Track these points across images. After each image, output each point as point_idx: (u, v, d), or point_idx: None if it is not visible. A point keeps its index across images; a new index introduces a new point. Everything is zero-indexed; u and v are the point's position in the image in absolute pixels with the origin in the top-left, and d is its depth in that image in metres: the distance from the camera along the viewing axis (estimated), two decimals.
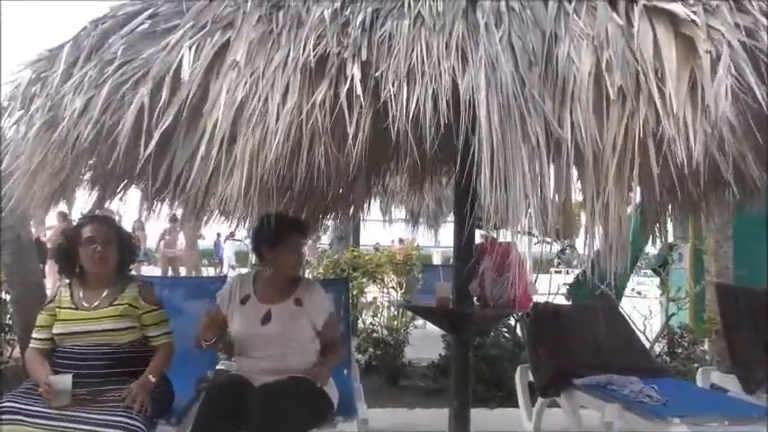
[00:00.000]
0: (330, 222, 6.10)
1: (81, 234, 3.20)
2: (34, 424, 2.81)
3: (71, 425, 2.82)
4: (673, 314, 6.43)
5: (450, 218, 10.85)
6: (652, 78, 2.11)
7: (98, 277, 3.22)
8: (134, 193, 3.95)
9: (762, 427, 3.27)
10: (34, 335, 3.19)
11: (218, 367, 3.88)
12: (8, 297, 6.07)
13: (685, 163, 2.00)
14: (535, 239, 6.03)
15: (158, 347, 3.22)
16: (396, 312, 6.99)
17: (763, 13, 2.30)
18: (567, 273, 8.95)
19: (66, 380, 2.91)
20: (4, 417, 2.79)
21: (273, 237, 3.30)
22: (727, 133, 2.03)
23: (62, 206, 3.88)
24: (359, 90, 2.21)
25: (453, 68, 2.23)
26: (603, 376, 4.03)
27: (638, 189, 2.53)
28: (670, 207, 4.37)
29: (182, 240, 15.15)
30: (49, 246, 11.35)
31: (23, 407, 2.85)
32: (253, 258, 11.63)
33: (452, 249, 4.02)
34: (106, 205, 3.73)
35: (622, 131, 2.11)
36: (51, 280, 9.46)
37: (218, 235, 15.82)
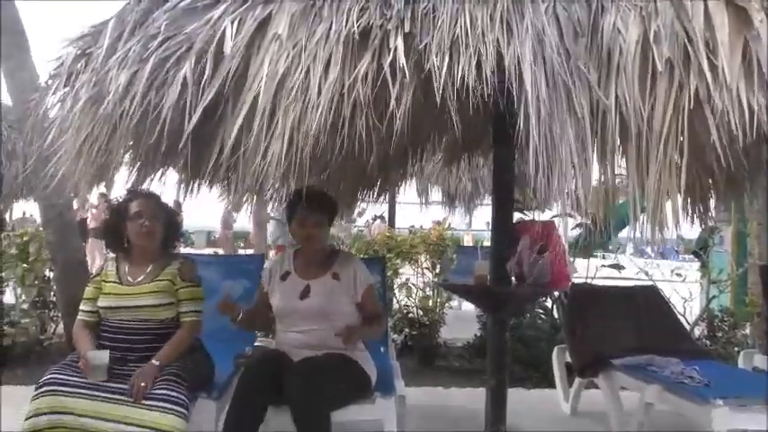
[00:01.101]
0: (365, 204, 6.08)
1: (129, 208, 3.24)
2: (75, 394, 2.86)
3: (112, 396, 2.87)
4: (713, 297, 6.34)
5: (485, 201, 10.82)
6: (702, 50, 2.07)
7: (143, 253, 3.26)
8: (172, 174, 4.01)
9: None
10: (81, 307, 3.26)
11: (256, 343, 3.93)
12: (52, 275, 6.20)
13: (740, 136, 1.95)
14: (573, 221, 6.04)
15: (182, 324, 3.23)
16: (431, 293, 6.98)
17: None
18: (603, 257, 8.84)
19: (102, 355, 2.96)
20: (47, 388, 2.86)
21: (290, 211, 3.39)
22: None
23: (102, 187, 3.93)
24: (402, 62, 2.20)
25: (498, 40, 2.21)
26: (644, 357, 4.00)
27: None
28: (712, 188, 4.30)
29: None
30: (90, 225, 11.57)
31: (66, 378, 2.91)
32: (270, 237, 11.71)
33: (486, 231, 4.00)
34: (146, 185, 3.78)
35: (671, 105, 2.07)
36: (90, 257, 9.63)
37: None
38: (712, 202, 4.52)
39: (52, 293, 6.29)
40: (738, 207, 5.38)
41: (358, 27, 2.31)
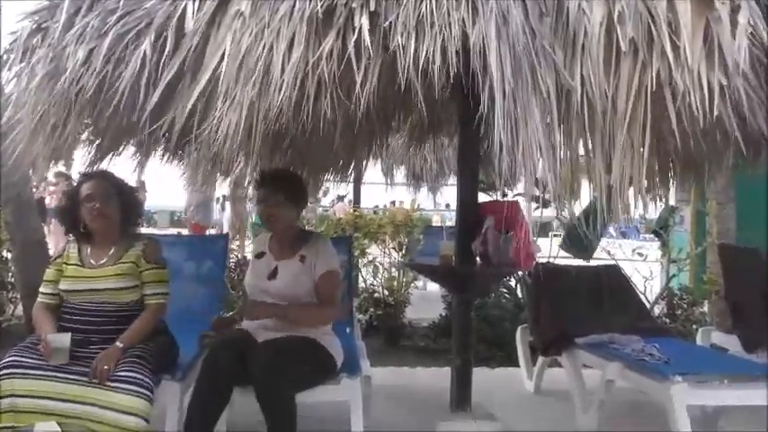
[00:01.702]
0: (330, 184, 6.06)
1: (80, 192, 3.17)
2: (38, 376, 2.81)
3: (75, 378, 2.83)
4: (673, 276, 6.45)
5: (451, 181, 10.85)
6: (665, 31, 2.08)
7: (103, 235, 3.19)
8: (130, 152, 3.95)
9: (762, 385, 3.29)
10: (41, 289, 3.18)
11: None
12: (10, 255, 6.08)
13: (701, 116, 1.97)
14: (535, 203, 6.10)
15: (147, 306, 3.18)
16: (396, 273, 7.00)
17: None
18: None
19: (63, 338, 2.90)
20: (6, 371, 2.80)
21: (255, 191, 3.39)
22: (743, 87, 1.99)
23: (61, 166, 3.82)
24: (367, 41, 2.17)
25: (463, 19, 2.20)
26: (605, 335, 4.06)
27: None
28: (673, 168, 4.37)
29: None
30: (50, 205, 11.35)
31: (26, 360, 2.85)
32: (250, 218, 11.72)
33: (452, 211, 4.03)
34: (105, 164, 3.71)
35: (634, 85, 2.08)
36: (54, 239, 9.46)
37: (223, 197, 15.81)
38: (672, 183, 4.60)
39: (10, 274, 6.17)
40: (698, 187, 5.46)
41: (322, 5, 2.27)
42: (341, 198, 11.40)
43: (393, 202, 13.55)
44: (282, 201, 3.27)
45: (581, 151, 2.32)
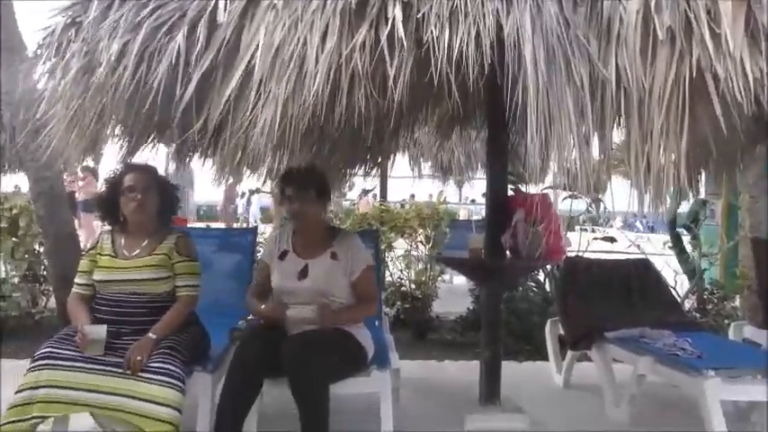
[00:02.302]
0: (356, 178, 6.06)
1: (122, 182, 3.20)
2: (73, 368, 2.85)
3: (108, 369, 2.86)
4: (705, 270, 6.37)
5: (478, 174, 10.81)
6: (704, 18, 2.04)
7: (139, 226, 3.23)
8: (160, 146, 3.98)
9: None
10: (76, 280, 3.23)
11: (250, 317, 3.92)
12: (42, 249, 6.16)
13: (745, 105, 1.93)
14: (565, 194, 6.05)
15: (179, 298, 3.21)
16: (424, 266, 6.99)
17: None
18: (593, 231, 8.87)
19: (100, 330, 2.94)
20: (42, 362, 2.84)
21: (280, 188, 3.37)
22: None
23: (90, 160, 3.85)
24: (401, 32, 2.16)
25: (497, 10, 2.18)
26: (636, 329, 4.01)
27: None
28: (705, 160, 4.31)
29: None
30: (79, 198, 11.48)
31: (62, 352, 2.89)
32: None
33: (478, 205, 4.00)
34: (137, 158, 3.74)
35: (671, 74, 2.05)
36: (85, 232, 9.57)
37: (249, 192, 15.91)
38: (703, 175, 4.53)
39: (43, 267, 6.26)
40: (730, 179, 5.38)
41: None
42: (366, 192, 11.39)
43: (413, 196, 13.44)
44: (311, 197, 3.26)
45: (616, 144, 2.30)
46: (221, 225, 16.36)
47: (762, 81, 1.96)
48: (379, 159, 5.28)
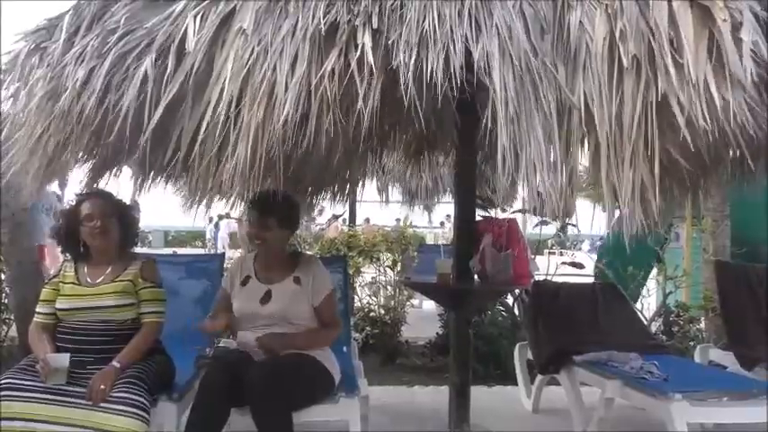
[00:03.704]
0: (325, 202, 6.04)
1: (80, 211, 3.15)
2: (34, 399, 2.78)
3: (70, 400, 2.80)
4: (670, 293, 6.45)
5: (445, 198, 10.86)
6: (667, 48, 2.09)
7: (101, 254, 3.17)
8: (128, 172, 3.93)
9: (761, 401, 3.28)
10: (38, 309, 3.15)
11: (217, 345, 3.86)
12: (3, 276, 6.02)
13: (709, 131, 1.97)
14: (534, 218, 6.10)
15: (144, 325, 3.15)
16: (392, 291, 6.98)
17: None
18: (562, 254, 8.95)
19: (63, 359, 2.88)
20: (2, 393, 2.76)
21: (247, 213, 3.37)
22: (745, 102, 2.01)
23: (56, 186, 3.78)
24: (370, 58, 2.17)
25: (466, 36, 2.20)
26: (604, 353, 4.03)
27: None
28: (670, 186, 4.38)
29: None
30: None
31: (22, 383, 2.82)
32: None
33: (440, 229, 4.02)
34: (101, 184, 3.69)
35: (638, 102, 2.09)
36: (49, 259, 9.36)
37: (219, 217, 15.77)
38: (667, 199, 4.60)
39: (4, 296, 6.11)
40: (693, 204, 5.49)
41: (325, 23, 2.28)
42: (336, 217, 11.37)
43: (367, 220, 13.38)
44: (275, 224, 3.24)
45: (582, 169, 2.33)
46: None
47: (724, 108, 2.00)
48: (348, 185, 5.27)
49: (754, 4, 2.19)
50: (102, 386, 2.79)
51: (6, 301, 6.05)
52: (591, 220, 2.35)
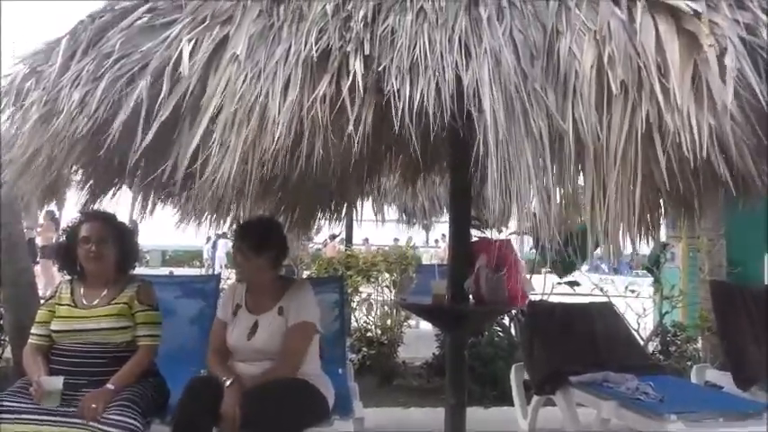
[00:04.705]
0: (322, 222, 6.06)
1: (79, 232, 3.16)
2: (29, 421, 2.79)
3: (64, 421, 2.80)
4: (666, 312, 6.46)
5: (441, 218, 10.88)
6: (654, 73, 2.11)
7: (98, 276, 3.19)
8: (127, 193, 3.94)
9: (758, 422, 3.28)
10: (33, 330, 3.16)
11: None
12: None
13: (691, 157, 2.00)
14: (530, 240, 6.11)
15: (139, 348, 3.16)
16: (389, 311, 6.97)
17: (762, 10, 2.31)
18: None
19: (56, 381, 2.88)
20: None
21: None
22: (730, 127, 2.03)
23: (53, 206, 3.78)
24: (361, 84, 2.20)
25: (456, 62, 2.23)
26: (600, 373, 4.04)
27: None
28: (663, 206, 4.39)
29: None
30: (39, 245, 11.28)
31: (17, 405, 2.83)
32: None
33: (435, 248, 4.04)
34: (98, 204, 3.71)
35: (625, 126, 2.11)
36: (43, 280, 9.37)
37: (216, 236, 15.74)
38: (662, 220, 4.62)
39: None
40: (688, 224, 5.51)
41: (317, 49, 2.30)
42: (333, 237, 11.38)
43: (366, 240, 13.37)
44: (262, 254, 3.20)
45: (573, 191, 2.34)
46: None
47: (709, 133, 2.02)
48: (345, 205, 5.29)
49: (741, 29, 2.22)
50: (94, 405, 2.79)
51: (1, 322, 6.04)
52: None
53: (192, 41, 2.43)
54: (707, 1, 2.25)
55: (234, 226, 4.93)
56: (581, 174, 2.25)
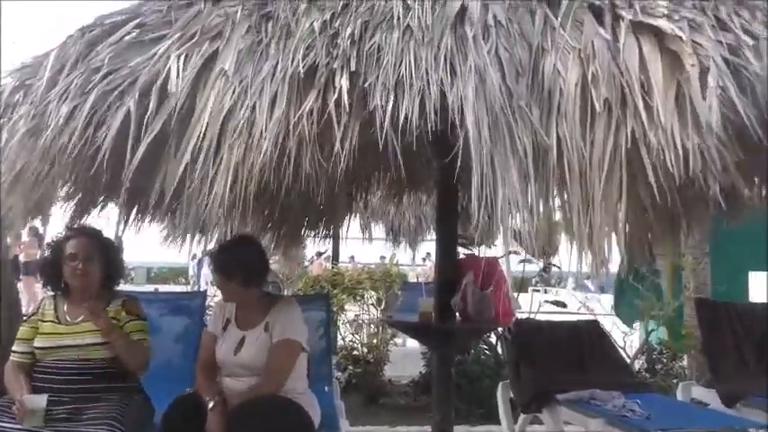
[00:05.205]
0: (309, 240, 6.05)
1: (65, 248, 3.14)
2: None
3: None
4: (652, 330, 6.48)
5: (428, 237, 10.90)
6: (638, 91, 2.14)
7: (82, 292, 3.15)
8: (113, 209, 3.92)
9: None
10: (14, 347, 3.12)
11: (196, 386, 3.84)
12: None
13: (676, 174, 2.02)
14: (517, 257, 6.14)
15: None
16: (375, 330, 6.96)
17: (744, 32, 2.35)
18: (546, 292, 8.99)
19: (40, 400, 2.84)
20: None
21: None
22: (714, 145, 2.05)
23: (38, 222, 3.75)
24: (347, 100, 2.22)
25: (442, 80, 2.25)
26: (586, 391, 4.04)
27: None
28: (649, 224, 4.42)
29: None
30: (22, 261, 11.20)
31: (0, 425, 2.79)
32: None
33: (421, 266, 4.04)
34: (85, 220, 3.69)
35: (609, 144, 2.13)
36: (26, 296, 9.29)
37: (202, 253, 15.58)
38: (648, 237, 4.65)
39: None
40: (674, 241, 5.55)
41: (304, 65, 2.32)
42: (319, 255, 11.35)
43: (352, 257, 13.36)
44: (232, 278, 3.20)
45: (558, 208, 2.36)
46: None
47: (693, 151, 2.05)
48: (331, 223, 5.30)
49: (723, 50, 2.26)
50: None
51: None
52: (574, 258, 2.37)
53: (181, 57, 2.44)
54: (689, 22, 2.29)
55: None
56: (566, 191, 2.27)
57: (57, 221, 3.68)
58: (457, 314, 3.80)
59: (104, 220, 3.78)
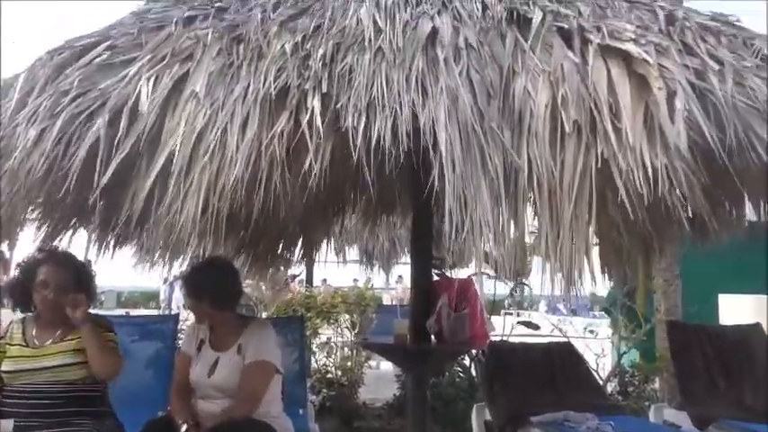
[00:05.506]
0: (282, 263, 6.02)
1: (36, 274, 3.08)
2: None
3: None
4: (624, 353, 6.52)
5: (402, 260, 10.91)
6: (606, 113, 2.17)
7: (53, 317, 3.09)
8: (82, 233, 3.87)
9: None
10: None
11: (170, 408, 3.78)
12: None
13: (645, 195, 2.04)
14: (488, 278, 6.16)
15: None
16: (350, 352, 6.93)
17: (709, 56, 2.40)
18: (518, 314, 9.01)
19: (6, 425, 2.79)
20: None
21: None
22: (681, 168, 2.08)
23: (4, 246, 3.68)
24: (319, 121, 2.22)
25: (413, 101, 2.26)
26: (560, 413, 4.04)
27: None
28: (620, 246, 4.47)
29: None
30: None
31: None
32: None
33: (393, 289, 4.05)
34: (55, 243, 3.63)
35: (579, 165, 2.16)
36: None
37: (174, 277, 15.46)
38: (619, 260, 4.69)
39: None
40: (645, 264, 5.61)
41: (275, 87, 2.32)
42: (293, 278, 11.31)
43: (324, 280, 13.35)
44: (202, 300, 3.20)
45: (530, 228, 2.37)
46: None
47: (661, 173, 2.07)
48: (306, 246, 5.28)
49: (690, 74, 2.30)
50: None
51: None
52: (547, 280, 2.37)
53: (152, 79, 2.43)
54: (656, 46, 2.34)
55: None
56: (536, 211, 2.28)
57: (25, 245, 3.62)
58: (432, 336, 3.79)
59: (73, 244, 3.74)
